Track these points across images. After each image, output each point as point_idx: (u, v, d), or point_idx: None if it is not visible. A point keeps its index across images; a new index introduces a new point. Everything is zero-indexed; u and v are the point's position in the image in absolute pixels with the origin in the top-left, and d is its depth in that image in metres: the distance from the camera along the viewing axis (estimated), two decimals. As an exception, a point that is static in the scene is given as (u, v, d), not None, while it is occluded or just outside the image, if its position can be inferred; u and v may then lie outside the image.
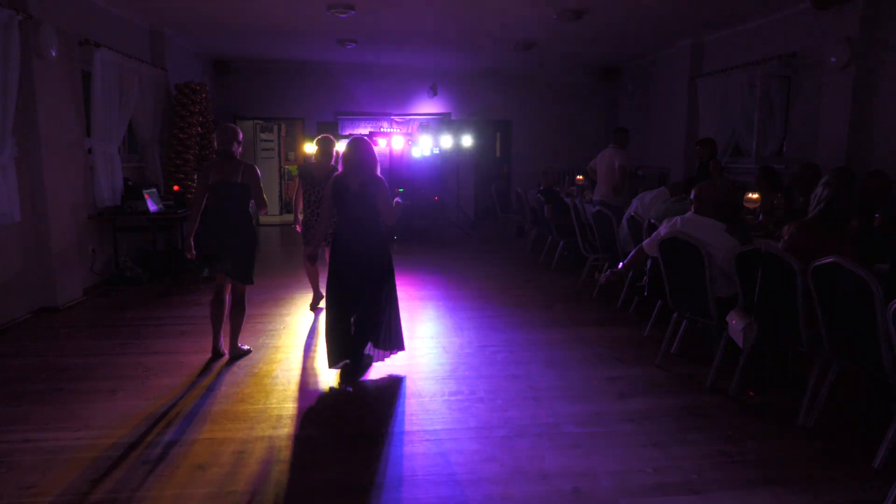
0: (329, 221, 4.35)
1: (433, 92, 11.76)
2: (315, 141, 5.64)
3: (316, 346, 4.74)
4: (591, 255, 6.61)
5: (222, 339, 4.48)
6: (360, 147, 4.06)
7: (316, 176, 5.50)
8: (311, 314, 5.60)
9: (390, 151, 10.85)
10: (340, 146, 4.68)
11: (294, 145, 13.57)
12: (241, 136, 4.41)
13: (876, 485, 2.78)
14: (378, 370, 4.23)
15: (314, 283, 5.77)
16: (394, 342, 4.20)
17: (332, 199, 4.11)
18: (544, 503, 2.65)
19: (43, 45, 5.34)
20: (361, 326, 4.06)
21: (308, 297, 5.98)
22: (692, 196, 4.14)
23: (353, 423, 3.42)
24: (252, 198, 4.33)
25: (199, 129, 8.36)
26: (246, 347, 4.56)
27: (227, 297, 4.42)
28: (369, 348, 4.14)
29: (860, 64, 5.87)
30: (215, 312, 4.41)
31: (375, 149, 4.21)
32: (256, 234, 4.56)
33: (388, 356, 4.21)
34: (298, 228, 5.71)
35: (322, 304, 5.48)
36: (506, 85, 11.91)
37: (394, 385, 3.97)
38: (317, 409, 3.59)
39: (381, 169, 4.33)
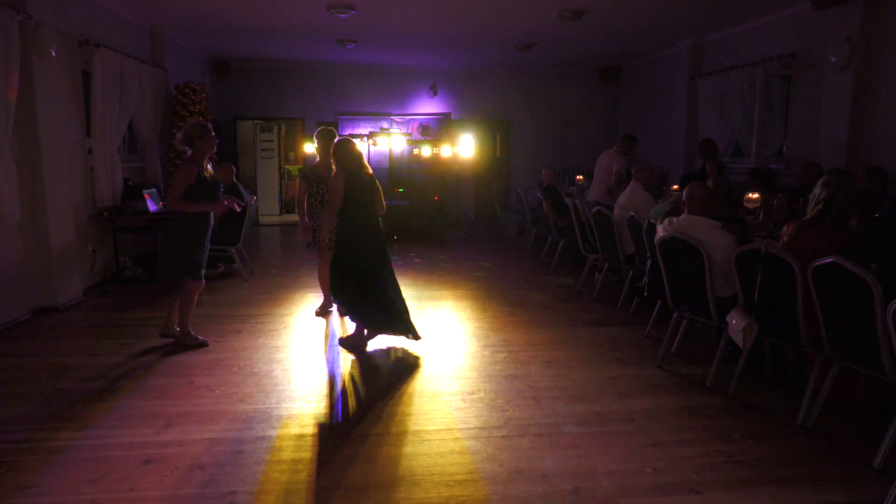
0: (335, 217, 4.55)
1: (433, 92, 11.76)
2: (315, 134, 5.40)
3: (317, 346, 4.74)
4: (591, 255, 6.60)
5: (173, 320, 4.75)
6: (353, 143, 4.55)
7: (322, 176, 5.25)
8: (312, 314, 5.59)
9: (390, 151, 10.87)
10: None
11: (294, 145, 13.56)
12: (196, 132, 4.39)
13: (876, 485, 2.78)
14: (378, 369, 4.24)
15: (326, 288, 5.51)
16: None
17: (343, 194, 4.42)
18: (544, 503, 2.65)
19: (43, 45, 5.33)
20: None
21: (308, 298, 5.97)
22: (683, 197, 4.14)
23: (352, 422, 3.42)
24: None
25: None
26: (200, 338, 4.70)
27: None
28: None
29: (860, 64, 5.87)
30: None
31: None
32: (186, 231, 4.46)
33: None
34: (308, 238, 5.40)
35: (331, 309, 5.55)
36: (506, 85, 11.90)
37: (394, 385, 3.97)
38: (317, 410, 3.59)
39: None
